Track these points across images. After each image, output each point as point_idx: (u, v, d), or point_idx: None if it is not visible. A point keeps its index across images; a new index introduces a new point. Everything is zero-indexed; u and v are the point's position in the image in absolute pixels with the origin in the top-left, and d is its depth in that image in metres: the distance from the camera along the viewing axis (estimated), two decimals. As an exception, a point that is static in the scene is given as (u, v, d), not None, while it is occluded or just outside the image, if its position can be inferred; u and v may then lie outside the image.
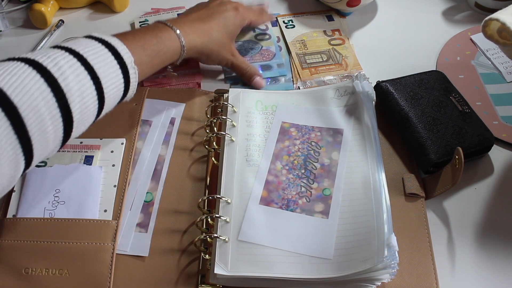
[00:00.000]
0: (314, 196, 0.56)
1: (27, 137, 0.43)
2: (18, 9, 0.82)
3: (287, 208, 0.55)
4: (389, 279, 0.48)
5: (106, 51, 0.50)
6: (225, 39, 0.66)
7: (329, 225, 0.53)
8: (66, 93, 0.45)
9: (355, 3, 0.77)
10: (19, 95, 0.42)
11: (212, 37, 0.64)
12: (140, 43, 0.55)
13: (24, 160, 0.44)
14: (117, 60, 0.51)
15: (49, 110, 0.44)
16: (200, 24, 0.63)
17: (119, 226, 0.54)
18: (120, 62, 0.51)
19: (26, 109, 0.42)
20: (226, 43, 0.67)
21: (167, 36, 0.59)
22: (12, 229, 0.54)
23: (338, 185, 0.56)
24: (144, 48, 0.55)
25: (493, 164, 0.61)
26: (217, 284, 0.50)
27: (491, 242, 0.55)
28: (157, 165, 0.60)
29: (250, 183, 0.57)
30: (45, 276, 0.51)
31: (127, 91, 0.54)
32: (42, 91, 0.43)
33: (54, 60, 0.45)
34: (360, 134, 0.60)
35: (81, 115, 0.47)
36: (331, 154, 0.59)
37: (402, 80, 0.65)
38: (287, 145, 0.60)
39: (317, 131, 0.62)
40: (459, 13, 0.82)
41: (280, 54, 0.74)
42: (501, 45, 0.58)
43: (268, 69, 0.72)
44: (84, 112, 0.48)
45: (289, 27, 0.79)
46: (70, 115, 0.46)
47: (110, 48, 0.51)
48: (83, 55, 0.48)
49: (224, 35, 0.66)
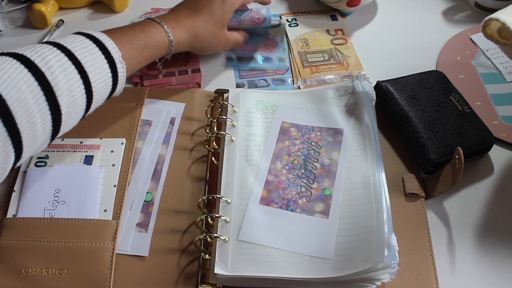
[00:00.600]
0: (314, 196, 0.56)
1: (16, 129, 0.43)
2: (18, 9, 0.81)
3: (287, 208, 0.55)
4: (389, 279, 0.48)
5: (94, 46, 0.52)
6: (215, 28, 0.66)
7: (329, 225, 0.53)
8: (53, 87, 0.46)
9: (355, 3, 0.77)
10: (7, 88, 0.43)
11: (200, 30, 0.65)
12: (128, 37, 0.56)
13: (14, 152, 0.44)
14: (104, 55, 0.52)
15: (37, 103, 0.45)
16: (187, 19, 0.64)
17: (119, 226, 0.54)
18: (107, 57, 0.52)
19: (14, 102, 0.43)
20: (217, 33, 0.67)
21: (154, 31, 0.60)
22: (12, 229, 0.54)
23: (338, 185, 0.56)
24: (132, 42, 0.57)
25: (493, 164, 0.61)
26: (217, 284, 0.50)
27: (491, 242, 0.55)
28: (157, 165, 0.60)
29: (250, 183, 0.57)
30: (45, 276, 0.51)
31: (116, 86, 0.55)
32: (30, 84, 0.44)
33: (41, 55, 0.47)
34: (360, 134, 0.60)
35: (69, 108, 0.48)
36: (331, 154, 0.59)
37: (402, 80, 0.65)
38: (287, 145, 0.60)
39: (317, 131, 0.62)
40: (459, 13, 0.82)
41: (284, 46, 0.74)
42: (501, 45, 0.58)
43: (282, 83, 0.71)
44: (72, 106, 0.49)
45: (292, 25, 0.79)
46: (58, 108, 0.47)
47: (98, 43, 0.52)
48: (70, 50, 0.49)
49: (214, 25, 0.66)
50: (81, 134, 0.61)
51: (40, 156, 0.60)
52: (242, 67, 0.72)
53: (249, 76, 0.72)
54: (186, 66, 0.72)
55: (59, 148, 0.60)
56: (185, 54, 0.72)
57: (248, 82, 0.71)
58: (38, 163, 0.59)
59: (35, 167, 0.59)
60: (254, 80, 0.71)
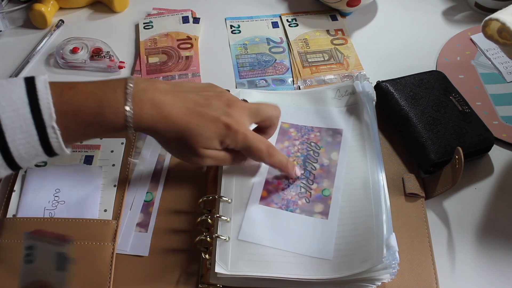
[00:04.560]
0: (314, 197, 0.56)
1: None
2: (18, 9, 0.81)
3: (287, 208, 0.55)
4: (389, 279, 0.48)
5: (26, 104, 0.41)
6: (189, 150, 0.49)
7: (329, 226, 0.53)
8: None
9: (355, 3, 0.77)
10: None
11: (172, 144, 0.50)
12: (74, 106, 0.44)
13: None
14: (33, 114, 0.42)
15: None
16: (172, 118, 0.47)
17: (119, 226, 0.54)
18: (36, 118, 0.42)
19: None
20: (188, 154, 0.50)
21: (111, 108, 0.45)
22: (12, 229, 0.54)
23: (338, 185, 0.56)
24: (77, 115, 0.44)
25: (493, 164, 0.61)
26: (217, 284, 0.50)
27: (491, 242, 0.54)
28: (157, 165, 0.60)
29: (250, 183, 0.57)
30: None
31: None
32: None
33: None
34: (360, 135, 0.60)
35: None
36: (330, 154, 0.59)
37: (402, 80, 0.65)
38: (286, 145, 0.60)
39: (316, 131, 0.62)
40: (459, 13, 0.82)
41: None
42: (501, 45, 0.58)
43: (282, 83, 0.71)
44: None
45: (292, 25, 0.79)
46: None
47: (32, 98, 0.42)
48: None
49: (191, 146, 0.49)
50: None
51: (40, 156, 0.60)
52: None
53: (249, 76, 0.72)
54: (186, 70, 0.72)
55: (59, 148, 0.60)
56: (186, 59, 0.72)
57: (248, 82, 0.71)
58: (38, 163, 0.59)
59: (35, 167, 0.59)
60: (254, 80, 0.71)
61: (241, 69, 0.72)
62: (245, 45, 0.76)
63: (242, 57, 0.74)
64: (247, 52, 0.75)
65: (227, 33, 0.79)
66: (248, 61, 0.74)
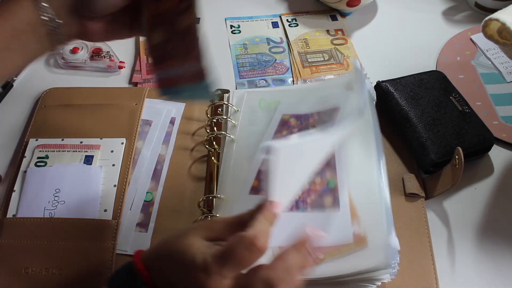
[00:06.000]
0: (321, 191, 0.54)
1: None
2: (18, 9, 0.81)
3: (297, 209, 0.53)
4: (389, 279, 0.48)
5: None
6: None
7: (342, 215, 0.50)
8: None
9: (355, 3, 0.77)
10: None
11: None
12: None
13: None
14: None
15: None
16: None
17: (119, 226, 0.54)
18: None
19: None
20: None
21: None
22: (12, 229, 0.54)
23: (341, 175, 0.53)
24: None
25: (493, 164, 0.61)
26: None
27: (491, 242, 0.55)
28: (157, 165, 0.60)
29: (250, 183, 0.56)
30: (45, 275, 0.51)
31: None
32: None
33: None
34: (361, 134, 0.59)
35: None
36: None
37: (402, 80, 0.65)
38: (284, 134, 0.59)
39: (315, 116, 0.60)
40: (459, 13, 0.82)
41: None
42: (501, 45, 0.58)
43: (282, 83, 0.70)
44: None
45: (292, 25, 0.79)
46: None
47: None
48: None
49: None
50: (81, 134, 0.61)
51: (40, 156, 0.59)
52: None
53: (249, 76, 0.72)
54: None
55: (59, 148, 0.60)
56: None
57: (248, 82, 0.71)
58: (38, 163, 0.59)
59: (35, 167, 0.59)
60: (254, 80, 0.71)
61: (241, 69, 0.73)
62: (245, 45, 0.76)
63: (242, 57, 0.74)
64: (247, 52, 0.75)
65: (227, 33, 0.79)
66: (248, 61, 0.74)
